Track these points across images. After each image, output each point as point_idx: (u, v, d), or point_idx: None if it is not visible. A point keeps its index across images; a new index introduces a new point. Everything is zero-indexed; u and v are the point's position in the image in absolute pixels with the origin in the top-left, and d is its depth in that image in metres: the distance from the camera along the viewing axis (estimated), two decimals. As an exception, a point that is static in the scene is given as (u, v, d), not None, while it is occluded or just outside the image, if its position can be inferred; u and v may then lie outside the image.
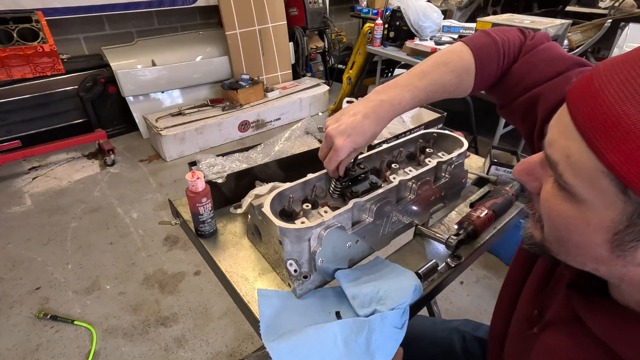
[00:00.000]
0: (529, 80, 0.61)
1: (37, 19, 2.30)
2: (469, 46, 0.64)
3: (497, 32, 0.66)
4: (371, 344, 0.57)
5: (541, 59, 0.62)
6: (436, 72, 0.65)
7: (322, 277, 0.69)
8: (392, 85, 0.66)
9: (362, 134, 0.64)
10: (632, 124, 0.30)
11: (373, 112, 0.64)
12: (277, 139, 1.03)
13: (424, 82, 0.65)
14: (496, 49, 0.64)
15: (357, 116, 0.64)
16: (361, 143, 0.65)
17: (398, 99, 0.64)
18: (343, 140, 0.64)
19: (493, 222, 0.83)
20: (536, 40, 0.65)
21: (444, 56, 0.66)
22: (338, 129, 0.64)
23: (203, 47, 3.37)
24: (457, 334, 0.87)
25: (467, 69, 0.64)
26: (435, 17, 2.66)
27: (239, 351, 1.55)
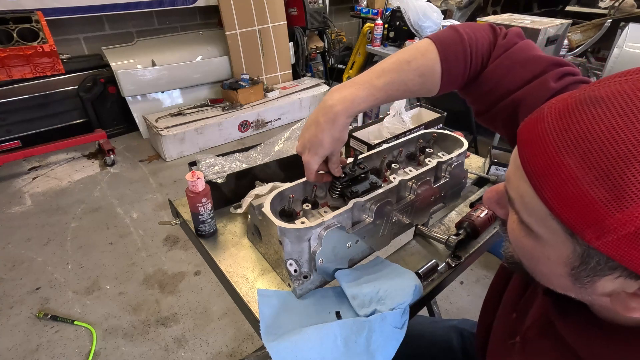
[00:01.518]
0: (504, 85, 0.59)
1: (37, 19, 2.30)
2: (435, 44, 0.61)
3: (466, 30, 0.62)
4: (371, 344, 0.57)
5: (515, 61, 0.59)
6: (397, 70, 0.62)
7: (322, 277, 0.69)
8: (349, 83, 0.64)
9: (319, 144, 0.64)
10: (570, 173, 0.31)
11: (324, 117, 0.62)
12: (277, 139, 1.03)
13: (383, 81, 0.61)
14: (462, 48, 0.60)
15: (312, 127, 0.64)
16: (324, 152, 0.65)
17: (351, 97, 0.61)
18: (306, 155, 0.65)
19: (493, 222, 0.83)
20: (509, 40, 0.61)
21: (407, 53, 0.62)
22: (302, 145, 0.66)
23: (203, 47, 3.37)
24: (455, 332, 0.88)
25: (432, 68, 0.61)
26: (435, 17, 2.66)
27: (239, 351, 1.55)
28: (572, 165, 0.31)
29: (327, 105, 0.63)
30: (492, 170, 1.01)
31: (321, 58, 4.20)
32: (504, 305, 0.63)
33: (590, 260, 0.33)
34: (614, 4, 2.90)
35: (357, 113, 0.63)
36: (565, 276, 0.37)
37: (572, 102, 0.34)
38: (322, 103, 0.64)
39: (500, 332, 0.61)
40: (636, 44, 2.16)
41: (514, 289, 0.61)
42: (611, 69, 2.20)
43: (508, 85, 0.58)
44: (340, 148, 0.67)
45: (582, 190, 0.30)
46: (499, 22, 2.01)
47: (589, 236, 0.31)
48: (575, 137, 0.31)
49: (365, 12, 3.83)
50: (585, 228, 0.31)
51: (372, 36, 2.91)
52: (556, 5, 3.81)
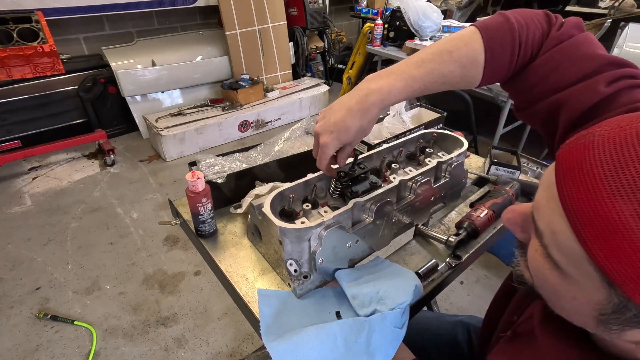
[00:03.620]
0: (549, 82, 0.53)
1: (37, 19, 2.30)
2: (481, 33, 0.55)
3: (518, 17, 0.56)
4: (371, 344, 0.57)
5: (566, 56, 0.53)
6: (437, 60, 0.57)
7: (322, 277, 0.69)
8: (385, 73, 0.60)
9: (345, 130, 0.60)
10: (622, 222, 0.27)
11: (357, 105, 0.59)
12: (277, 139, 1.03)
13: (421, 71, 0.57)
14: (511, 38, 0.54)
15: (342, 111, 0.60)
16: (346, 139, 0.61)
17: (387, 88, 0.58)
18: (327, 137, 0.61)
19: (493, 222, 0.83)
20: (564, 32, 0.54)
21: (449, 43, 0.58)
22: (323, 126, 0.62)
23: (203, 47, 3.37)
24: (461, 326, 0.88)
25: (474, 59, 0.56)
26: (435, 17, 2.66)
27: (239, 351, 1.55)
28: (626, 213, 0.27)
29: (362, 92, 0.59)
30: (492, 170, 1.01)
31: (321, 58, 4.20)
32: (511, 308, 0.62)
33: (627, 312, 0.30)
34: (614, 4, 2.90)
35: (391, 105, 0.60)
36: (590, 317, 0.34)
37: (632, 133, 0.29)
38: (357, 90, 0.60)
39: (502, 329, 0.62)
40: (636, 44, 2.16)
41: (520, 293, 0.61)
42: (611, 69, 2.20)
43: (554, 83, 0.53)
44: (359, 141, 0.65)
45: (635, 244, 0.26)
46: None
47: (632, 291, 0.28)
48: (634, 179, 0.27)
49: (365, 12, 3.84)
50: (628, 282, 0.27)
51: (372, 36, 2.91)
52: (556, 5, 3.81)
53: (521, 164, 1.01)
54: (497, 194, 0.86)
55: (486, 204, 0.83)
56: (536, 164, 2.04)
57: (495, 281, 1.89)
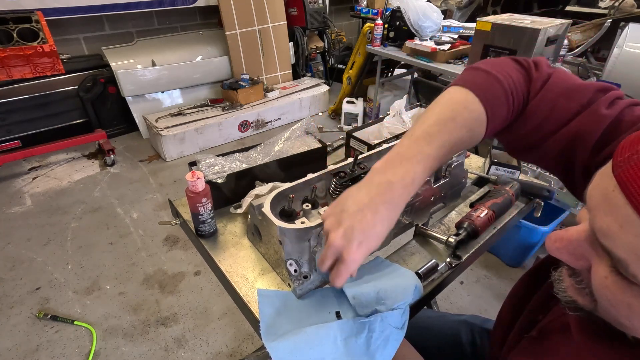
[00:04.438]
0: (552, 120, 0.54)
1: (37, 19, 2.30)
2: (474, 92, 0.55)
3: (496, 69, 0.57)
4: (371, 345, 0.57)
5: (558, 93, 0.54)
6: (444, 131, 0.54)
7: (322, 277, 0.69)
8: (396, 159, 0.53)
9: (375, 237, 0.51)
10: None
11: (383, 203, 0.51)
12: (277, 139, 1.03)
13: (434, 147, 0.53)
14: (503, 90, 0.55)
15: (365, 214, 0.51)
16: (376, 246, 0.52)
17: (410, 177, 0.52)
18: (354, 249, 0.50)
19: (493, 222, 0.83)
20: (542, 72, 0.57)
21: (448, 109, 0.55)
22: (345, 236, 0.50)
23: (203, 47, 3.37)
24: (465, 326, 0.87)
25: (478, 120, 0.55)
26: (435, 17, 2.66)
27: (239, 351, 1.55)
28: None
29: (382, 187, 0.52)
30: (492, 170, 1.01)
31: (321, 58, 4.20)
32: (531, 308, 0.61)
33: None
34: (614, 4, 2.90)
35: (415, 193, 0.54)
36: None
37: None
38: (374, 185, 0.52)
39: (521, 329, 0.61)
40: (636, 44, 2.16)
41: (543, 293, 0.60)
42: (611, 69, 2.20)
43: (556, 119, 0.54)
44: None
45: None
46: (499, 22, 2.01)
47: None
48: None
49: (365, 12, 3.83)
50: None
51: (372, 36, 2.91)
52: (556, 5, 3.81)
53: (521, 164, 1.01)
54: (497, 194, 0.86)
55: (486, 204, 0.83)
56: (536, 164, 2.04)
57: (495, 281, 1.89)
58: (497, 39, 2.02)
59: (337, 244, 0.51)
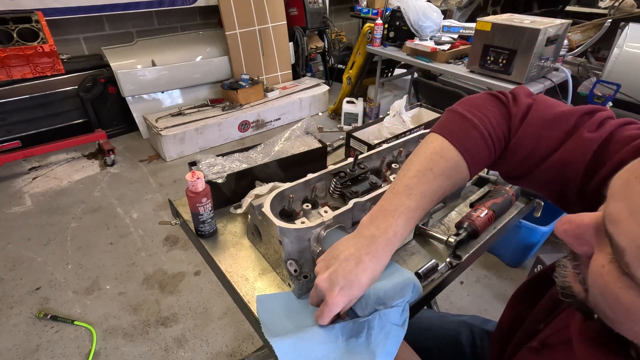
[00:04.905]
0: (537, 152, 0.55)
1: (37, 19, 2.30)
2: (449, 141, 0.56)
3: (472, 111, 0.58)
4: (371, 342, 0.57)
5: (540, 125, 0.55)
6: (423, 181, 0.56)
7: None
8: (380, 213, 0.57)
9: (357, 284, 0.54)
10: None
11: (367, 254, 0.55)
12: (277, 139, 1.03)
13: (415, 199, 0.56)
14: (480, 134, 0.56)
15: (350, 262, 0.54)
16: (357, 294, 0.56)
17: (392, 230, 0.55)
18: (335, 294, 0.54)
19: (493, 222, 0.83)
20: (521, 105, 0.57)
21: (426, 160, 0.57)
22: (329, 279, 0.54)
23: (203, 47, 3.37)
24: (465, 327, 0.87)
25: (457, 166, 0.57)
26: (435, 17, 2.65)
27: (239, 351, 1.55)
28: None
29: (366, 240, 0.55)
30: (492, 170, 1.01)
31: (321, 58, 4.20)
32: (533, 317, 0.61)
33: None
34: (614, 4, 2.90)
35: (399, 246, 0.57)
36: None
37: None
38: (359, 237, 0.56)
39: (522, 338, 0.61)
40: (636, 44, 2.16)
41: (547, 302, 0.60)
42: (611, 69, 2.20)
43: (541, 150, 0.54)
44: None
45: None
46: (499, 22, 2.01)
47: None
48: None
49: (365, 12, 3.83)
50: None
51: (372, 36, 2.91)
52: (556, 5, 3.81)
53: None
54: (497, 194, 0.86)
55: (486, 204, 0.83)
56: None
57: (495, 281, 1.89)
58: (497, 39, 2.02)
59: (321, 286, 0.55)
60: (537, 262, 1.72)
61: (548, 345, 0.52)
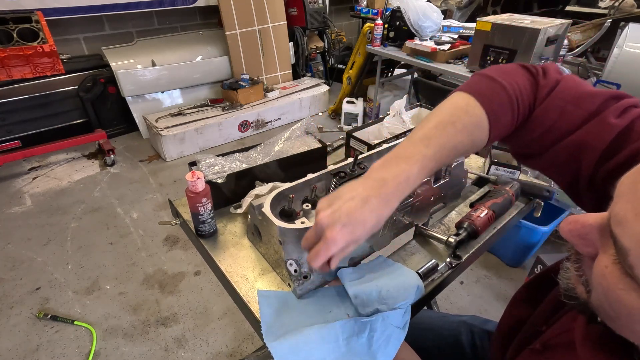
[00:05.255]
0: (558, 127, 0.54)
1: (37, 19, 2.30)
2: (476, 98, 0.55)
3: (502, 76, 0.57)
4: (372, 344, 0.57)
5: (566, 100, 0.54)
6: (444, 134, 0.55)
7: (322, 277, 0.69)
8: (393, 159, 0.54)
9: (361, 223, 0.51)
10: None
11: (375, 196, 0.52)
12: (277, 139, 1.03)
13: (432, 150, 0.54)
14: (507, 96, 0.55)
15: (356, 201, 0.51)
16: (360, 235, 0.52)
17: (404, 175, 0.52)
18: (336, 230, 0.50)
19: (493, 222, 0.83)
20: (550, 79, 0.56)
21: (448, 114, 0.56)
22: (332, 217, 0.51)
23: (203, 47, 3.37)
24: (465, 327, 0.87)
25: (479, 125, 0.55)
26: (435, 17, 2.66)
27: (239, 351, 1.55)
28: None
29: (377, 182, 0.53)
30: (492, 170, 1.01)
31: (321, 58, 4.20)
32: (535, 318, 0.61)
33: None
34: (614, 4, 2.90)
35: (410, 192, 0.55)
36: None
37: None
38: (369, 179, 0.54)
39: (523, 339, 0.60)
40: (636, 44, 2.16)
41: (549, 304, 0.59)
42: (611, 69, 2.20)
43: (563, 127, 0.53)
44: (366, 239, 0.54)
45: None
46: (499, 22, 2.01)
47: None
48: None
49: (365, 12, 3.84)
50: None
51: (372, 36, 2.91)
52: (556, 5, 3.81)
53: (521, 164, 1.01)
54: (497, 194, 0.86)
55: (486, 204, 0.83)
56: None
57: (495, 281, 1.89)
58: (497, 39, 2.02)
59: (323, 222, 0.51)
60: (537, 262, 1.72)
61: (550, 347, 0.52)
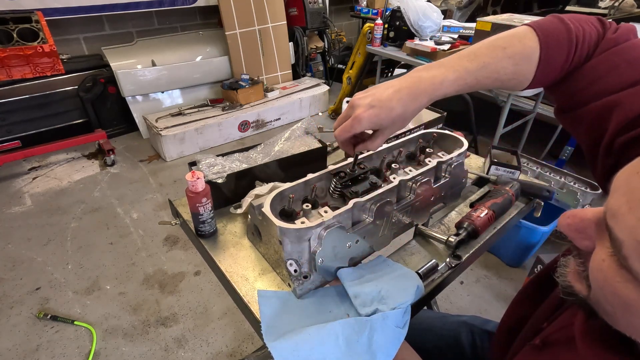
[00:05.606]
0: (605, 83, 0.52)
1: (37, 19, 2.30)
2: (536, 31, 0.55)
3: (573, 20, 0.56)
4: (372, 344, 0.57)
5: (624, 58, 0.51)
6: (490, 55, 0.56)
7: (322, 277, 0.69)
8: (436, 64, 0.58)
9: (388, 109, 0.56)
10: None
11: (407, 88, 0.56)
12: (277, 139, 1.03)
13: (475, 65, 0.56)
14: (568, 38, 0.54)
15: (389, 90, 0.57)
16: (385, 120, 0.57)
17: (440, 78, 0.56)
18: (365, 110, 0.56)
19: (493, 222, 0.83)
20: (619, 35, 0.54)
21: (503, 39, 0.57)
22: (364, 99, 0.57)
23: (203, 47, 3.37)
24: (465, 327, 0.87)
25: (529, 57, 0.55)
26: (435, 17, 2.66)
27: (239, 351, 1.55)
28: None
29: (413, 79, 0.57)
30: (492, 170, 1.01)
31: (321, 58, 4.20)
32: (537, 316, 0.61)
33: None
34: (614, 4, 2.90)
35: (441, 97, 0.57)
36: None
37: None
38: (407, 76, 0.58)
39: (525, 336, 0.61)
40: (636, 44, 2.16)
41: (550, 301, 0.60)
42: (611, 69, 2.19)
43: (607, 84, 0.52)
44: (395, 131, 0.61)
45: None
46: (499, 22, 2.01)
47: None
48: None
49: (365, 12, 3.84)
50: None
51: (372, 36, 2.91)
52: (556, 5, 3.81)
53: (521, 164, 1.01)
54: (497, 194, 0.86)
55: (486, 204, 0.83)
56: (536, 164, 2.04)
57: (495, 281, 1.89)
58: (497, 39, 2.02)
59: (355, 101, 0.58)
60: (537, 262, 1.72)
61: (549, 343, 0.52)
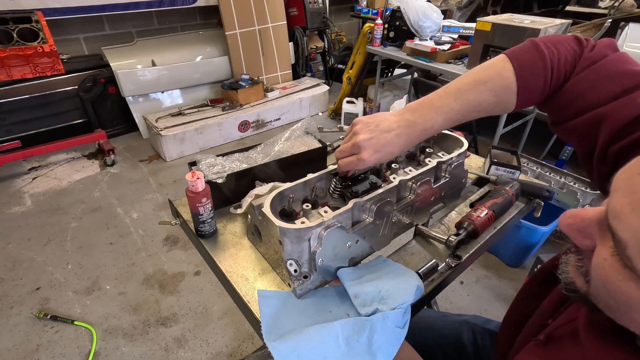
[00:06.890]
0: (588, 99, 0.55)
1: (37, 19, 2.30)
2: (512, 61, 0.60)
3: (548, 44, 0.60)
4: (373, 344, 0.57)
5: (603, 75, 0.55)
6: (473, 91, 0.62)
7: (322, 277, 0.69)
8: (426, 105, 0.64)
9: (389, 153, 0.64)
10: None
11: (405, 134, 0.64)
12: (277, 139, 1.02)
13: (460, 104, 0.62)
14: (543, 65, 0.58)
15: (391, 134, 0.63)
16: (385, 160, 0.67)
17: (430, 123, 0.63)
18: (371, 154, 0.63)
19: (493, 222, 0.83)
20: (597, 52, 0.57)
21: (484, 73, 0.63)
22: (371, 143, 0.63)
23: (203, 47, 3.37)
24: (466, 326, 0.87)
25: (507, 87, 0.61)
26: (435, 17, 2.66)
27: (239, 351, 1.55)
28: None
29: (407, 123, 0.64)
30: (492, 170, 1.01)
31: (321, 58, 4.20)
32: (541, 312, 0.61)
33: None
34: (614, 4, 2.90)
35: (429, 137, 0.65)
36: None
37: None
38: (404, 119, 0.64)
39: (529, 332, 0.61)
40: (636, 44, 2.16)
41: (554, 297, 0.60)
42: (611, 69, 2.20)
43: (592, 99, 0.55)
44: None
45: None
46: (499, 22, 2.01)
47: None
48: None
49: (365, 12, 3.84)
50: None
51: (372, 36, 2.91)
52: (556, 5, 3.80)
53: (521, 164, 1.01)
54: (497, 194, 0.86)
55: (486, 204, 0.83)
56: (536, 164, 2.04)
57: (495, 281, 1.89)
58: (497, 39, 2.02)
59: (362, 144, 0.63)
60: (537, 262, 1.72)
61: (554, 338, 0.52)
